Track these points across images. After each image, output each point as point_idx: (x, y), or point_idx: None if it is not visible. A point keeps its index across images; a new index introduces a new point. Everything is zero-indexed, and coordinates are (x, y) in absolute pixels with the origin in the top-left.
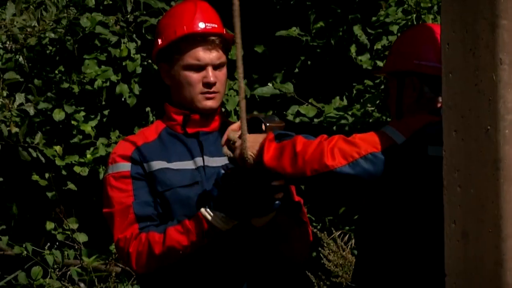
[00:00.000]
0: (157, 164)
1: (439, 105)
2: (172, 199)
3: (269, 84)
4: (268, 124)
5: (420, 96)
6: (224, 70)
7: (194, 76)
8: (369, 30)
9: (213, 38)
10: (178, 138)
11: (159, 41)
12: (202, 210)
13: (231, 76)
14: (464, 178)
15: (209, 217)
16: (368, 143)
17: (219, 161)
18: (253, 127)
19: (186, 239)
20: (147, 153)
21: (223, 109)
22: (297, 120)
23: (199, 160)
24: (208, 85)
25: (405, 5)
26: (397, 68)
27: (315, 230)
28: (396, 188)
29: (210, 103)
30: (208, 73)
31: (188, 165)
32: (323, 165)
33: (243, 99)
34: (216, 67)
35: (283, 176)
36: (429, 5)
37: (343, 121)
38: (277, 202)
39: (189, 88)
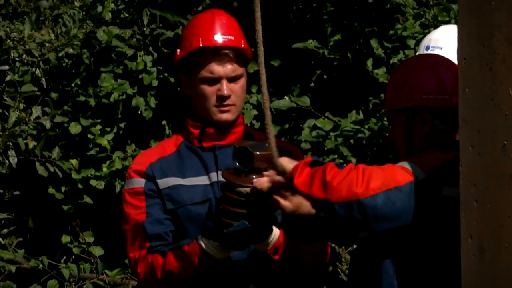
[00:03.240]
0: (171, 181)
1: (452, 137)
2: (184, 217)
3: (285, 97)
4: (257, 153)
5: (431, 130)
6: (240, 83)
7: (209, 89)
8: (386, 44)
9: (227, 51)
10: (195, 151)
11: (178, 51)
12: (199, 237)
13: (247, 90)
14: (480, 193)
15: (204, 246)
16: (393, 176)
17: None
18: (243, 157)
19: (183, 265)
20: (162, 168)
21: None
22: (314, 133)
23: (213, 175)
24: (221, 98)
25: (423, 19)
26: (405, 105)
27: (332, 244)
28: (414, 224)
29: (225, 116)
30: (222, 86)
31: (202, 180)
32: (352, 193)
33: (267, 108)
34: (231, 79)
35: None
36: (447, 18)
37: (360, 135)
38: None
39: (205, 101)
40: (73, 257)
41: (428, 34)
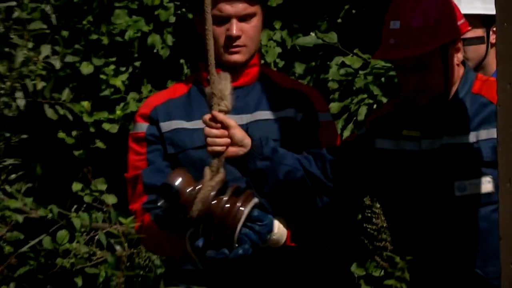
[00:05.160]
0: (174, 124)
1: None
2: (185, 161)
3: (311, 33)
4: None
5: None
6: (253, 22)
7: (218, 29)
8: None
9: None
10: (205, 94)
11: None
12: (188, 235)
13: (270, 26)
14: None
15: (188, 249)
16: None
17: (245, 119)
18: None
19: (172, 248)
20: (168, 111)
21: (262, 61)
22: (342, 71)
23: None
24: (230, 38)
25: None
26: (449, 38)
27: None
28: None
29: (235, 57)
30: (232, 25)
31: None
32: None
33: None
34: (242, 18)
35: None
36: None
37: (391, 73)
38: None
39: (214, 42)
40: (85, 205)
41: None
